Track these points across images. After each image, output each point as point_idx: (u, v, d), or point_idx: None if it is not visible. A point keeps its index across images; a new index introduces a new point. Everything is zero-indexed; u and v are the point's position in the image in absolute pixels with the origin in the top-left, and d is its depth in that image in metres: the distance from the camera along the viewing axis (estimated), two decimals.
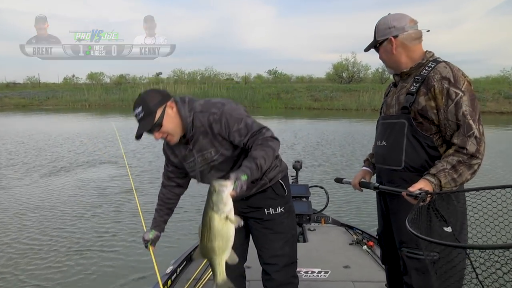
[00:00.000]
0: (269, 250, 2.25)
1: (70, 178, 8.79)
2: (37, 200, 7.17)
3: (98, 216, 6.29)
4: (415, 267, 1.92)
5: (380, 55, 2.05)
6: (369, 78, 44.50)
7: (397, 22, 1.96)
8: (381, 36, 1.99)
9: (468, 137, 1.77)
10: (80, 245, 5.16)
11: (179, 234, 5.49)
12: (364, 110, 28.78)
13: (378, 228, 2.33)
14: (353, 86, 35.42)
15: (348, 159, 10.66)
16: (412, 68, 1.97)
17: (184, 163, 2.20)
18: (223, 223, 1.66)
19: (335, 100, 31.61)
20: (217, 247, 1.69)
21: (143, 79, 49.94)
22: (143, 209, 3.28)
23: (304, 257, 3.60)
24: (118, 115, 25.55)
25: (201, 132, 2.04)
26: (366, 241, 3.86)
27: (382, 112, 2.18)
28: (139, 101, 1.96)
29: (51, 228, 5.74)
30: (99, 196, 7.40)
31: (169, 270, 3.13)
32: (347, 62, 43.94)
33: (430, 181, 1.76)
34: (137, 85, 40.44)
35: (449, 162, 1.77)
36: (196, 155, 2.10)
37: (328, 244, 3.96)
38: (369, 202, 6.48)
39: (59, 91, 38.86)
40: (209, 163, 2.10)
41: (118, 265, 4.63)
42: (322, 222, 4.50)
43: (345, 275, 3.30)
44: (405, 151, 1.94)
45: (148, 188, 7.86)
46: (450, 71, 1.83)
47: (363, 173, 2.40)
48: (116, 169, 9.74)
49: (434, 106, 1.84)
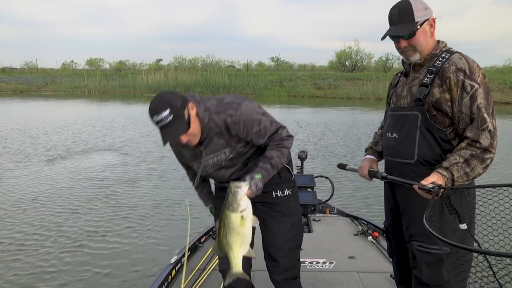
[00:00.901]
0: (278, 233, 2.27)
1: (66, 167, 8.70)
2: (33, 189, 7.09)
3: (95, 207, 6.20)
4: (426, 260, 1.90)
5: (416, 40, 1.88)
6: (372, 67, 44.45)
7: (427, 4, 1.89)
8: (422, 16, 1.86)
9: (482, 130, 1.75)
10: (76, 237, 5.13)
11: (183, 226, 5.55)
12: (368, 99, 28.70)
13: (385, 221, 2.30)
14: (356, 75, 35.32)
15: (353, 150, 10.60)
16: (426, 58, 1.91)
17: (192, 162, 2.19)
18: (239, 221, 1.78)
19: (338, 89, 31.49)
20: (233, 242, 1.82)
21: (143, 66, 49.94)
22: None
23: (309, 247, 3.62)
24: (118, 101, 25.54)
25: (215, 133, 2.02)
26: (371, 231, 3.88)
27: (391, 103, 2.12)
28: (164, 104, 1.84)
29: (46, 221, 5.66)
30: (97, 187, 7.30)
31: (173, 260, 3.15)
32: (351, 50, 43.95)
33: (443, 174, 1.73)
34: (137, 72, 40.40)
35: (462, 155, 1.75)
36: (206, 156, 2.08)
37: (333, 234, 3.98)
38: (374, 193, 6.49)
39: (57, 76, 38.80)
40: (220, 164, 2.12)
41: (120, 255, 4.67)
42: (327, 212, 4.51)
43: (350, 266, 3.32)
44: (418, 144, 1.90)
45: (147, 179, 7.87)
46: (465, 63, 1.79)
47: (370, 162, 2.31)
48: (114, 157, 9.74)
49: (448, 98, 1.80)
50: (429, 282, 1.90)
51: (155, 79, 34.21)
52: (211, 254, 3.47)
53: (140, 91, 32.67)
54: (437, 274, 1.88)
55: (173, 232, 5.19)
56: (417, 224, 1.91)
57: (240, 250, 1.84)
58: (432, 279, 1.89)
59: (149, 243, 4.92)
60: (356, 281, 3.08)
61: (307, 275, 3.13)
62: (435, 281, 1.89)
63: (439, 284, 1.89)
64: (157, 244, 4.87)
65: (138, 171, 8.35)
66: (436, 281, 1.89)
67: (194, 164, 2.18)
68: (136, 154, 9.94)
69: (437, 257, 1.87)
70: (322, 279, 3.12)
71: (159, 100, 1.87)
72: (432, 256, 1.88)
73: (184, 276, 2.91)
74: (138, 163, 9.04)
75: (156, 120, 1.86)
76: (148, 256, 4.55)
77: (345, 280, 3.10)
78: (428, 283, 1.91)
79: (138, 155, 9.90)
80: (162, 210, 6.05)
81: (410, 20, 1.86)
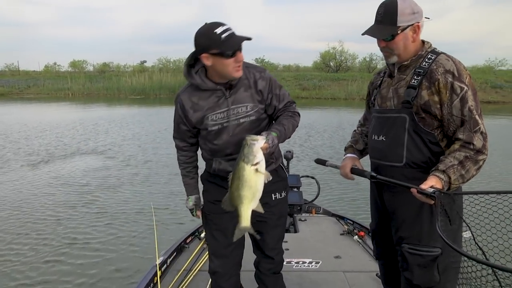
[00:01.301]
0: (276, 235, 2.36)
1: (47, 172, 8.52)
2: (12, 196, 6.91)
3: (76, 214, 6.05)
4: (418, 263, 1.89)
5: (395, 44, 1.86)
6: (357, 67, 44.70)
7: (417, 7, 1.83)
8: (406, 21, 1.81)
9: (474, 132, 1.75)
10: (58, 245, 5.07)
11: (173, 223, 5.52)
12: (353, 99, 28.91)
13: (371, 223, 2.29)
14: (341, 75, 35.51)
15: (339, 151, 10.58)
16: (412, 59, 1.88)
17: (209, 113, 2.11)
18: (253, 174, 1.79)
19: (323, 89, 31.66)
20: (244, 196, 1.82)
21: (127, 67, 49.48)
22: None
23: (295, 247, 3.63)
24: (102, 103, 25.27)
25: (243, 84, 2.09)
26: (357, 231, 3.90)
27: (376, 104, 2.07)
28: (222, 23, 1.94)
29: (27, 228, 5.53)
30: (78, 192, 7.15)
31: (160, 261, 3.12)
32: (335, 50, 44.05)
33: (440, 177, 1.71)
34: (121, 74, 39.98)
35: (457, 157, 1.74)
36: (231, 105, 2.08)
37: (319, 234, 3.99)
38: (360, 193, 6.54)
39: (40, 79, 38.18)
40: (239, 118, 2.10)
41: (105, 258, 4.62)
42: (313, 212, 4.53)
43: (336, 265, 3.33)
44: (407, 147, 1.88)
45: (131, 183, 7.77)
46: (453, 64, 1.78)
47: (352, 160, 2.26)
48: (96, 162, 9.63)
49: (437, 100, 1.79)
50: (421, 284, 1.90)
51: (140, 81, 33.92)
52: (197, 255, 3.47)
53: (124, 93, 32.44)
54: (428, 276, 1.88)
55: (162, 236, 5.12)
56: (407, 227, 1.93)
57: (250, 205, 1.85)
58: (424, 281, 1.89)
59: (132, 250, 4.88)
60: (342, 281, 3.09)
61: (293, 275, 3.14)
62: (427, 282, 1.89)
63: (431, 285, 1.89)
64: (141, 249, 4.83)
65: (121, 176, 8.22)
66: (428, 283, 1.89)
67: (210, 115, 2.10)
68: (119, 158, 9.81)
69: (428, 259, 1.87)
70: (309, 279, 3.12)
71: (219, 22, 1.94)
72: (423, 258, 1.88)
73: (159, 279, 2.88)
74: (122, 168, 8.93)
75: (222, 29, 1.90)
76: (133, 261, 4.52)
77: (331, 280, 3.11)
78: (420, 285, 1.91)
79: (121, 159, 9.77)
80: (145, 216, 5.95)
81: (392, 23, 1.83)
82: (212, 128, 2.11)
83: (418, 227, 1.89)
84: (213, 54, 1.92)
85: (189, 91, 2.13)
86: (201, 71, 2.07)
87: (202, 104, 2.10)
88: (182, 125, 2.21)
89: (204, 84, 2.05)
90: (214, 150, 2.17)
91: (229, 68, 1.96)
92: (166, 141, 11.82)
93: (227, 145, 2.13)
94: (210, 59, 1.95)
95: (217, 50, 1.90)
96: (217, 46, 1.90)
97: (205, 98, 2.09)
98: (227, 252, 2.31)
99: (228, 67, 1.95)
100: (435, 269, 1.87)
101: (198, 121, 2.13)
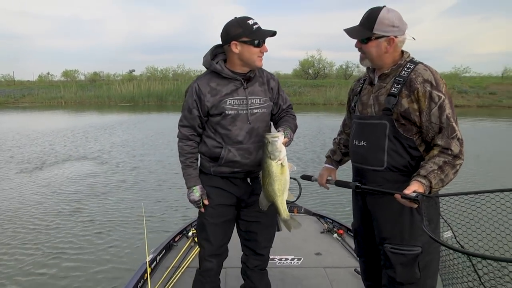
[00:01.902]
0: (268, 235, 2.40)
1: (36, 180, 8.28)
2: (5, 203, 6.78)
3: (64, 222, 5.85)
4: (400, 261, 1.90)
5: (367, 48, 1.89)
6: (334, 74, 45.14)
7: (399, 22, 1.84)
8: (381, 31, 1.83)
9: (452, 139, 1.78)
10: (48, 252, 4.96)
11: (162, 221, 5.43)
12: (331, 104, 29.16)
13: (353, 223, 2.28)
14: (319, 82, 35.80)
15: (319, 155, 10.53)
16: (392, 68, 1.90)
17: (228, 99, 2.14)
18: (280, 168, 1.90)
19: (303, 95, 31.84)
20: (277, 189, 1.93)
21: (117, 76, 49.09)
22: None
23: (278, 245, 3.60)
24: (93, 111, 24.96)
25: (258, 80, 2.23)
26: (336, 229, 3.89)
27: (357, 110, 2.07)
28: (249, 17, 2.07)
29: (15, 239, 5.42)
30: (67, 201, 6.98)
31: (149, 259, 3.08)
32: (313, 58, 44.45)
33: (422, 182, 1.73)
34: (111, 82, 39.67)
35: (436, 163, 1.76)
36: (248, 96, 2.17)
37: (301, 232, 3.97)
38: (339, 193, 6.53)
39: (34, 88, 37.52)
40: (253, 109, 2.18)
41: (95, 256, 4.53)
42: (295, 212, 4.50)
43: (317, 262, 3.33)
44: (387, 152, 1.89)
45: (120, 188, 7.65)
46: (431, 74, 1.80)
47: (328, 171, 2.35)
48: (86, 168, 9.46)
49: (416, 108, 1.80)
50: (404, 281, 1.91)
51: (129, 89, 33.64)
52: (185, 252, 3.45)
53: (114, 101, 32.15)
54: (410, 273, 1.89)
55: (151, 235, 5.04)
56: (389, 228, 1.94)
57: (284, 196, 1.95)
58: (406, 278, 1.90)
59: (123, 248, 4.81)
60: (322, 276, 3.08)
61: (276, 272, 3.12)
62: (409, 279, 1.90)
63: (412, 281, 1.90)
64: (131, 248, 4.76)
65: (107, 183, 7.93)
66: (410, 279, 1.90)
67: (229, 100, 2.14)
68: (109, 165, 9.56)
69: (410, 258, 1.88)
70: (291, 275, 3.11)
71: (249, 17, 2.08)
72: (405, 257, 1.89)
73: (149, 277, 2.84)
74: (111, 174, 8.70)
75: (253, 22, 2.05)
76: (124, 259, 4.44)
77: (312, 275, 3.10)
78: (402, 282, 1.91)
79: (111, 166, 9.52)
80: (135, 217, 5.85)
81: (369, 28, 1.85)
82: (230, 112, 2.14)
83: (399, 228, 1.90)
84: (243, 42, 2.04)
85: (208, 78, 2.18)
86: (221, 62, 2.16)
87: (220, 89, 2.15)
88: (194, 110, 2.19)
89: (225, 72, 2.13)
90: (227, 136, 2.16)
91: (255, 56, 2.07)
92: (154, 147, 11.72)
93: (240, 132, 2.15)
94: (239, 46, 2.05)
95: (248, 38, 2.03)
96: (248, 35, 2.03)
97: (224, 84, 2.16)
98: (220, 251, 2.37)
99: (254, 55, 2.07)
100: (416, 267, 1.88)
101: (215, 105, 2.14)
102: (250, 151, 2.16)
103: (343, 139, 2.36)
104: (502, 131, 16.40)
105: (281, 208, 1.97)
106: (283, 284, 2.98)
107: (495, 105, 28.03)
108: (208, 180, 2.27)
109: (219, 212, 2.28)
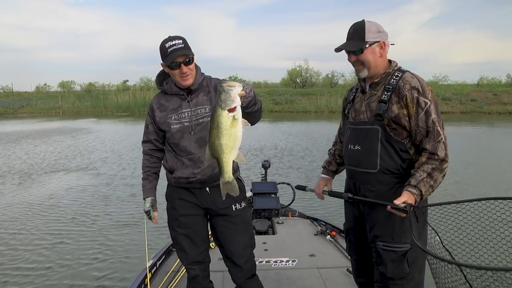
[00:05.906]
0: (240, 243, 2.31)
1: (31, 191, 8.29)
2: None
3: (59, 235, 5.71)
4: (391, 258, 1.96)
5: (364, 57, 1.94)
6: (320, 83, 45.36)
7: (382, 28, 1.94)
8: (372, 38, 1.91)
9: (437, 142, 1.85)
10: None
11: (162, 227, 5.43)
12: (322, 112, 29.23)
13: (345, 223, 2.33)
14: (310, 90, 35.90)
15: (314, 160, 10.69)
16: (381, 76, 1.97)
17: (173, 114, 2.19)
18: (231, 121, 1.62)
19: (294, 103, 31.90)
20: (225, 144, 1.65)
21: (111, 86, 48.96)
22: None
23: (273, 248, 3.65)
24: (90, 119, 24.81)
25: (203, 90, 2.21)
26: (329, 231, 3.93)
27: (350, 117, 2.13)
28: (179, 38, 2.06)
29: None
30: (60, 212, 6.86)
31: (150, 264, 3.10)
32: (301, 68, 44.75)
33: (412, 192, 1.81)
34: (106, 92, 39.62)
35: (425, 170, 1.83)
36: (192, 108, 2.17)
37: (295, 235, 4.01)
38: (331, 198, 6.54)
39: (33, 99, 37.26)
40: (198, 119, 2.17)
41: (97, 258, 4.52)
42: (289, 215, 4.56)
43: (311, 263, 3.37)
44: (380, 155, 1.95)
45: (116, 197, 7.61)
46: (417, 82, 1.87)
47: (325, 181, 2.40)
48: (81, 178, 9.37)
49: (406, 114, 1.87)
50: (394, 276, 1.97)
51: (124, 99, 33.54)
52: None
53: (111, 110, 32.01)
54: (400, 269, 1.95)
55: (151, 241, 5.06)
56: (381, 227, 2.00)
57: (231, 154, 1.68)
58: (396, 273, 1.96)
59: (124, 255, 4.82)
60: (316, 276, 3.12)
61: (272, 273, 3.15)
62: (399, 274, 1.96)
63: (402, 276, 1.96)
64: (132, 254, 4.77)
65: (108, 189, 7.97)
66: (400, 274, 1.96)
67: (173, 115, 2.19)
68: (105, 174, 9.48)
69: (400, 254, 1.95)
70: (286, 276, 3.14)
71: (176, 36, 2.07)
72: (396, 254, 1.95)
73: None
74: (111, 181, 8.68)
75: (170, 44, 2.02)
76: (125, 264, 4.46)
77: (307, 276, 3.14)
78: (393, 277, 1.97)
79: (110, 173, 9.53)
80: (135, 224, 5.88)
81: (361, 38, 1.92)
82: (175, 126, 2.19)
83: (390, 226, 1.96)
84: (164, 65, 2.11)
85: (159, 96, 2.28)
86: (171, 80, 2.22)
87: (167, 105, 2.23)
88: (150, 125, 2.30)
89: (170, 89, 2.21)
90: (178, 148, 2.21)
91: (176, 77, 2.11)
92: None
93: (190, 143, 2.17)
94: (165, 68, 2.14)
95: (164, 62, 2.08)
96: (163, 59, 2.07)
97: (170, 100, 2.22)
98: (200, 258, 2.36)
99: (175, 76, 2.11)
100: (405, 263, 1.95)
101: (162, 121, 2.22)
102: (202, 160, 2.12)
103: (338, 150, 2.41)
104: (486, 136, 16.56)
105: (225, 167, 1.70)
106: (278, 285, 3.01)
107: (476, 111, 28.39)
108: (174, 192, 2.31)
109: (185, 222, 2.29)
